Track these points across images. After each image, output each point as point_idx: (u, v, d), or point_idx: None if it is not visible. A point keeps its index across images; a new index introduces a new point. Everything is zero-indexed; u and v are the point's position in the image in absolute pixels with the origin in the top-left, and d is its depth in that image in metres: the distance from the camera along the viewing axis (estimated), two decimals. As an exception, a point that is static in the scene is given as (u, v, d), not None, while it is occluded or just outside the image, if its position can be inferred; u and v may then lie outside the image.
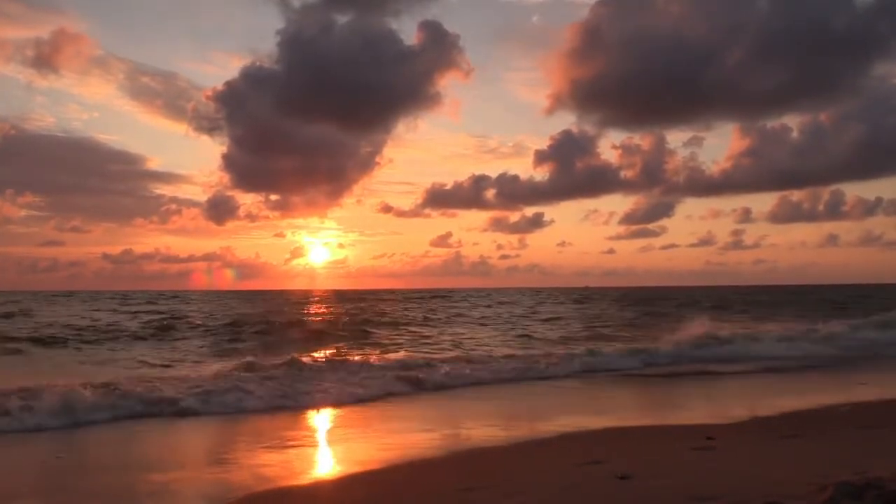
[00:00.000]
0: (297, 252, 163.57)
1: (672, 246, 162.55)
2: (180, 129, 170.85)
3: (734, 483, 5.99)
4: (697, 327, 23.46)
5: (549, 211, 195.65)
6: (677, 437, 8.54)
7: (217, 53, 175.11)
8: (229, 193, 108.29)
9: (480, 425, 10.17)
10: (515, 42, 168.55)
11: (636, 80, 63.81)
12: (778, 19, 59.27)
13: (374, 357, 18.26)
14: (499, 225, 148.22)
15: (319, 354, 18.94)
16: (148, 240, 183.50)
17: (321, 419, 11.26)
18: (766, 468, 6.61)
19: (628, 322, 35.71)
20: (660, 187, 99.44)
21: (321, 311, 51.90)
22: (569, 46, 78.75)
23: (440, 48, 72.13)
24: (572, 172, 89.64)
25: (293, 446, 8.85)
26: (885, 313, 27.28)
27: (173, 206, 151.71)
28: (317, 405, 12.26)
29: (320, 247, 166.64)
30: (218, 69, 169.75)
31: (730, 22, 62.24)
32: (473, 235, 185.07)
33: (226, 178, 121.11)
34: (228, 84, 72.74)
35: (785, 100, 77.55)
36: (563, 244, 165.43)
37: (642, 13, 67.41)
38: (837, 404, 11.28)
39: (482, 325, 34.97)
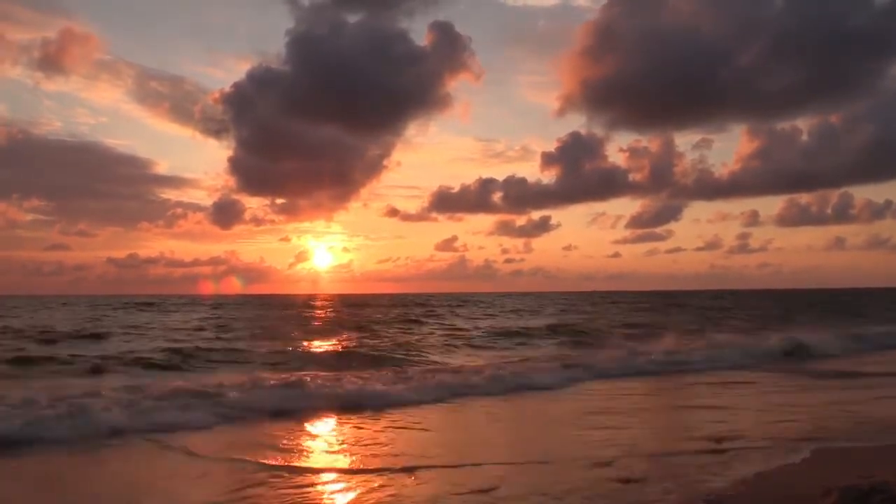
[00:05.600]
0: (301, 256, 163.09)
1: (678, 249, 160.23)
2: (187, 133, 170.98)
3: (739, 488, 6.02)
4: None
5: (556, 214, 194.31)
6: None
7: (224, 57, 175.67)
8: (235, 197, 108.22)
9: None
10: (522, 45, 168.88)
11: (646, 82, 63.47)
12: (791, 19, 58.93)
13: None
14: (505, 228, 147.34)
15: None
16: (153, 244, 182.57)
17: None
18: (771, 472, 6.63)
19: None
20: (667, 190, 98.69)
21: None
22: (580, 47, 78.64)
23: (451, 50, 71.80)
24: (580, 175, 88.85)
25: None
26: None
27: (179, 210, 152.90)
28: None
29: (325, 251, 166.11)
30: (225, 73, 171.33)
31: (742, 23, 62.05)
32: (479, 239, 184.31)
33: (232, 181, 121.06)
34: (236, 86, 71.68)
35: (797, 101, 76.27)
36: (568, 248, 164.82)
37: (653, 14, 67.19)
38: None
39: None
